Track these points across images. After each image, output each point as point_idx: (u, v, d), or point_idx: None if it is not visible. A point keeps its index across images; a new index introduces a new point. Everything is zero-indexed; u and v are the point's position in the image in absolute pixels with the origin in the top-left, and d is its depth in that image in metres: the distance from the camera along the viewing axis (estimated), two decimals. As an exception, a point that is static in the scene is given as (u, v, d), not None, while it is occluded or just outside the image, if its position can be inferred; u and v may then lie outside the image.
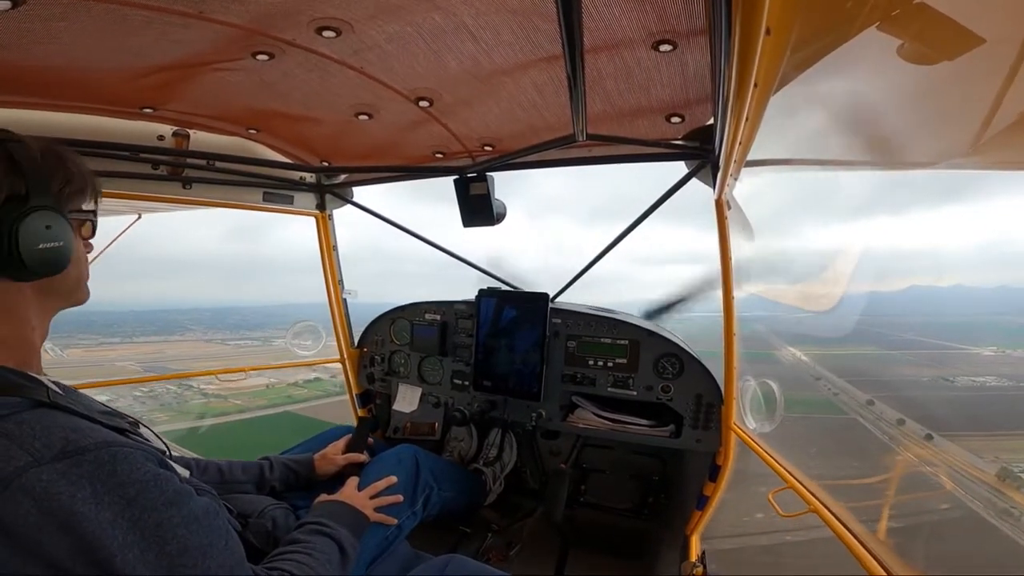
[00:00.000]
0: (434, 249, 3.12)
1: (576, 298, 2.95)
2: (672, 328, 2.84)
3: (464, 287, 3.05)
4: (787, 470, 1.84)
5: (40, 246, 0.96)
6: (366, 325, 3.40)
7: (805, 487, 1.70)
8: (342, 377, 3.55)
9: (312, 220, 3.22)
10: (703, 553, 2.43)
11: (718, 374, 2.37)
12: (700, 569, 2.29)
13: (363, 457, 2.11)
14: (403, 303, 3.26)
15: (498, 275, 3.09)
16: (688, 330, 2.83)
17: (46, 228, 0.97)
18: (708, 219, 2.14)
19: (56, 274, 1.02)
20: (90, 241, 1.18)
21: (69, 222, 1.04)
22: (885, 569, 1.25)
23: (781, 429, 2.08)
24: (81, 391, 1.11)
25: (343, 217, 3.28)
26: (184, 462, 1.60)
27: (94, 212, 1.16)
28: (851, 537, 1.40)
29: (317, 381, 34.24)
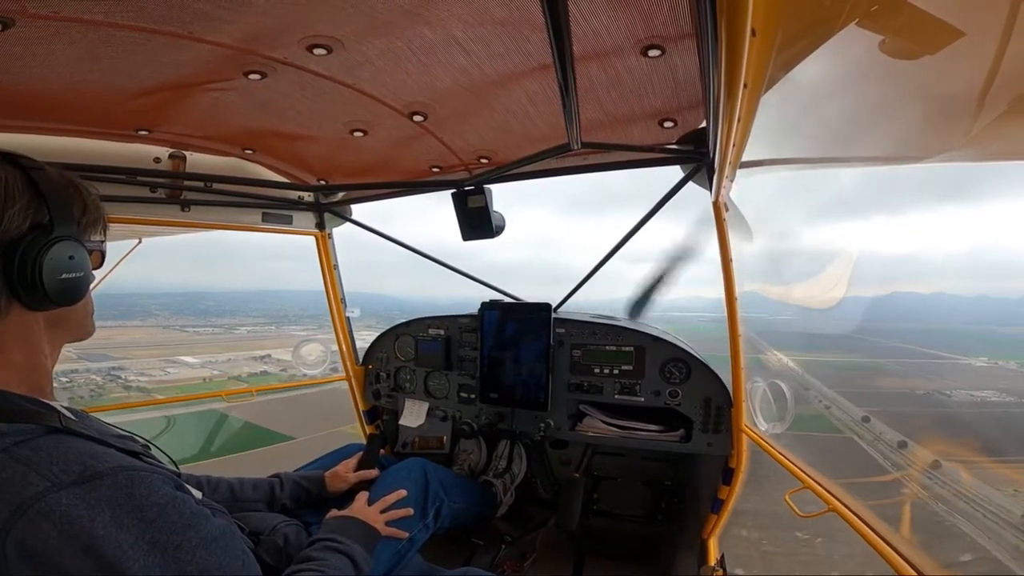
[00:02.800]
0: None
1: (554, 294, 2.94)
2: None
3: (440, 280, 3.01)
4: (802, 470, 1.81)
5: (62, 276, 0.96)
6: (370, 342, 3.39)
7: (822, 486, 1.68)
8: (293, 371, 3.50)
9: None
10: (722, 556, 2.41)
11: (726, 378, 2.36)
12: (720, 572, 2.27)
13: (375, 473, 2.11)
14: (366, 289, 3.22)
15: (497, 286, 3.09)
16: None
17: (69, 258, 0.97)
18: (682, 215, 2.11)
19: (72, 305, 1.02)
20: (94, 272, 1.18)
21: (88, 252, 1.04)
22: (915, 569, 1.22)
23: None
24: (93, 415, 1.11)
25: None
26: (195, 481, 1.60)
27: (103, 242, 1.16)
28: (875, 536, 1.38)
29: (263, 375, 28.67)
